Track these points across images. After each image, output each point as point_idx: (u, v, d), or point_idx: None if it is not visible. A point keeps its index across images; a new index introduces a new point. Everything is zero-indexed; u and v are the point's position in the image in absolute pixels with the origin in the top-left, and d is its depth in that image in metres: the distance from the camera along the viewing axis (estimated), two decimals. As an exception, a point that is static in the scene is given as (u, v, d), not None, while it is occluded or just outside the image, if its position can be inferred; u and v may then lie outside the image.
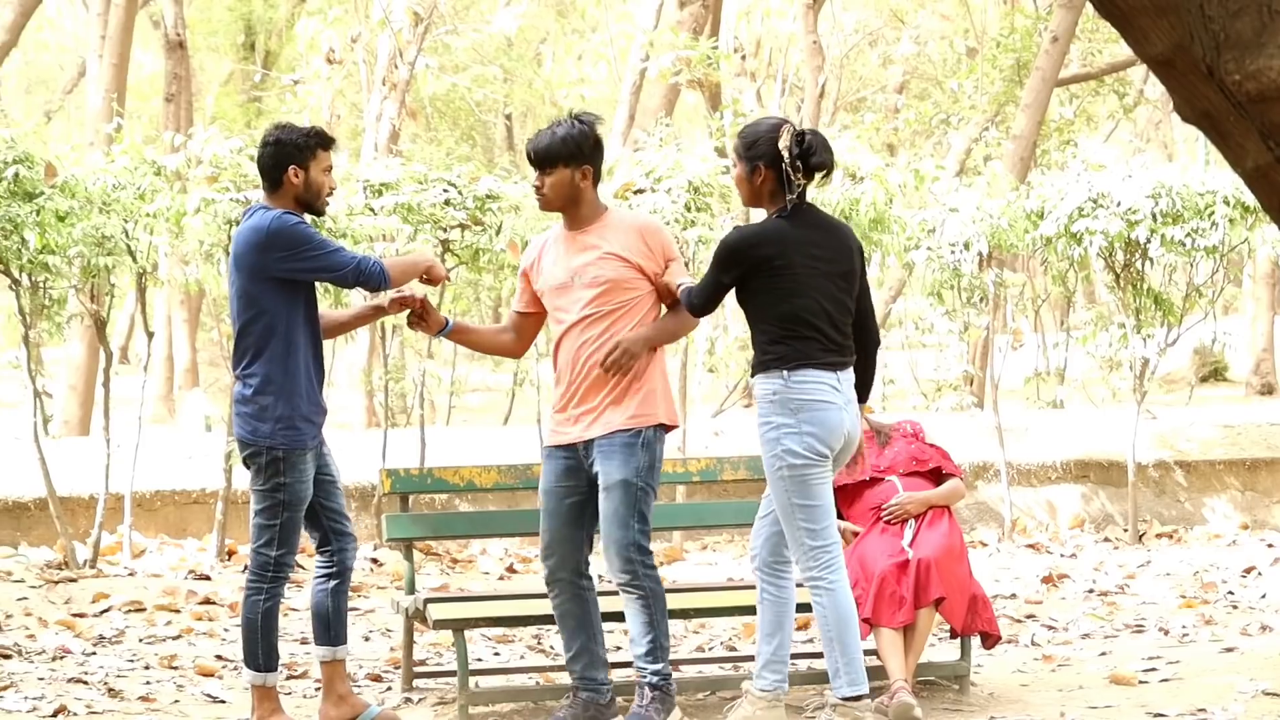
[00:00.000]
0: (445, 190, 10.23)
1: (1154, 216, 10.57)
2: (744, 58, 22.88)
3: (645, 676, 6.41)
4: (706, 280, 6.27)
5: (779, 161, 6.13)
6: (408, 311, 6.66)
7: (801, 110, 22.18)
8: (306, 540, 6.59)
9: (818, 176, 6.26)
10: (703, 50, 17.38)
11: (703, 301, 6.30)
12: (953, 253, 11.06)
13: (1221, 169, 11.16)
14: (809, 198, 6.29)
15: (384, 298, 6.68)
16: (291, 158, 6.39)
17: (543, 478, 6.53)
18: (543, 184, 6.41)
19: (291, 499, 6.33)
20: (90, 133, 16.87)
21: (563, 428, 6.42)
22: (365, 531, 10.43)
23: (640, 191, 10.32)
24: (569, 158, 6.36)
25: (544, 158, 6.38)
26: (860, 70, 30.17)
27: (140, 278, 9.86)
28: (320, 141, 6.44)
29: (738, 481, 7.50)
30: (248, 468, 6.44)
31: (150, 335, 10.23)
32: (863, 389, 6.37)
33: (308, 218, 6.46)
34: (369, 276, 6.35)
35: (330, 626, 6.53)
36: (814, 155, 6.13)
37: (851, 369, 6.27)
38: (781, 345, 6.11)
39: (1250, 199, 10.33)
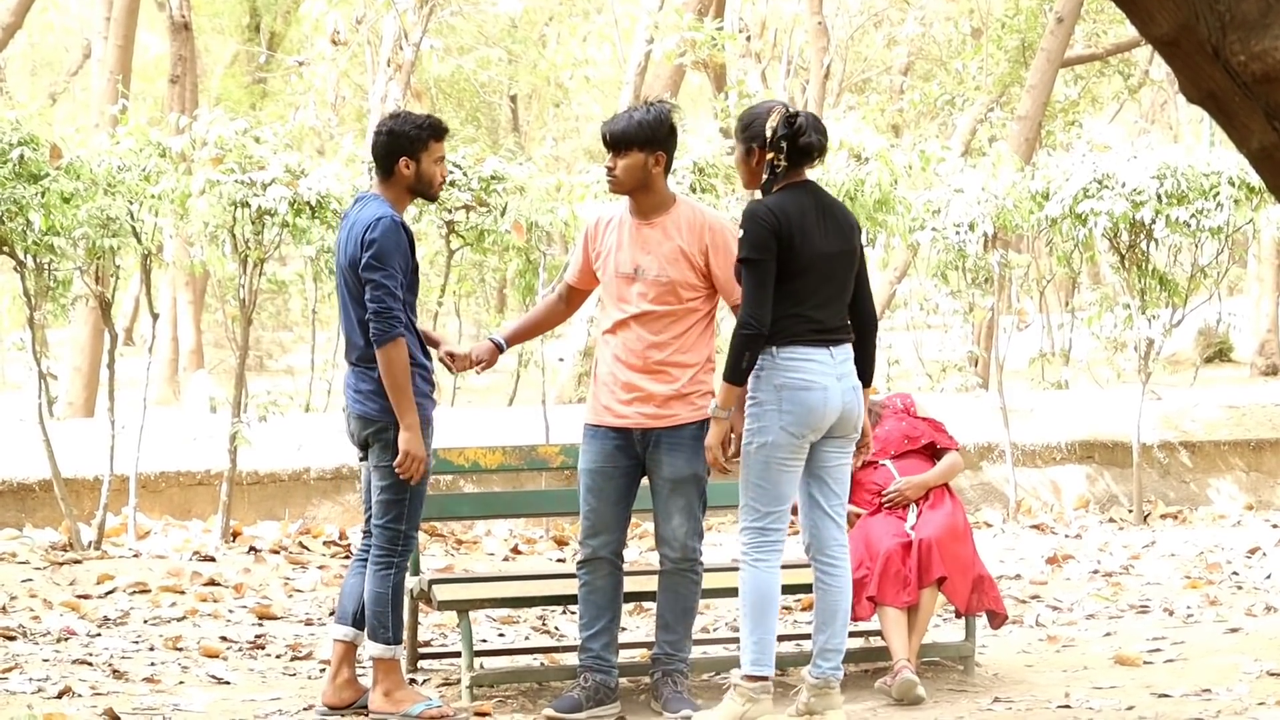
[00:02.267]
0: (450, 171, 10.23)
1: (1159, 197, 10.56)
2: (749, 39, 22.83)
3: (675, 663, 6.45)
4: (750, 278, 6.04)
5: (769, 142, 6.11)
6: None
7: (807, 91, 22.17)
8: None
9: (815, 158, 6.21)
10: (708, 32, 17.35)
11: (762, 311, 6.02)
12: (958, 233, 11.05)
13: (1226, 150, 11.14)
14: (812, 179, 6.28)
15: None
16: (403, 149, 6.41)
17: (584, 456, 6.50)
18: (615, 165, 6.39)
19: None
20: (95, 114, 16.86)
21: (616, 408, 6.39)
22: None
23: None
24: (643, 142, 6.34)
25: (619, 140, 6.35)
26: (865, 51, 30.09)
27: (145, 259, 9.86)
28: (433, 133, 6.44)
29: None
30: (365, 446, 6.47)
31: (155, 317, 10.22)
32: (864, 372, 6.29)
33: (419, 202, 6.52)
34: (376, 337, 6.26)
35: (359, 610, 6.54)
36: (803, 136, 6.09)
37: (849, 345, 6.19)
38: (773, 324, 6.05)
39: (1255, 180, 10.32)
